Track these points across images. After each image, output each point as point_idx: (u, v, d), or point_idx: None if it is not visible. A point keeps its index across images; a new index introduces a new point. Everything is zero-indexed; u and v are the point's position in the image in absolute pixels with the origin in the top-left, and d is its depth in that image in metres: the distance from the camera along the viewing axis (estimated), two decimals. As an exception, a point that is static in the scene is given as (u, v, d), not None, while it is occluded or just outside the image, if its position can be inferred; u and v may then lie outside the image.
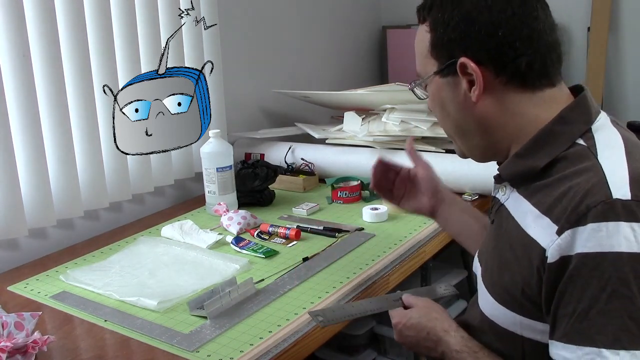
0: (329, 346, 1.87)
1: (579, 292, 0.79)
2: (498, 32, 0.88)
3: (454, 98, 0.95)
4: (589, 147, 0.87)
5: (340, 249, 1.51)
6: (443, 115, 0.99)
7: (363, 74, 2.81)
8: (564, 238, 0.80)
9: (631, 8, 2.38)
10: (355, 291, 1.31)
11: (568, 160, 0.87)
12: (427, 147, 1.90)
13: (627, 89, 2.42)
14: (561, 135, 0.89)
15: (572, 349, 0.79)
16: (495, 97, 0.91)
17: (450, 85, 0.94)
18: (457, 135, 1.00)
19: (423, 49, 0.96)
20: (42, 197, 1.56)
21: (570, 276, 0.80)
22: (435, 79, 0.96)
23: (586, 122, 0.90)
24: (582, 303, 0.79)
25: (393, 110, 1.99)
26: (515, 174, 0.94)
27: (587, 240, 0.78)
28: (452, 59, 0.91)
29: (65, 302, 1.31)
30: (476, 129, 0.95)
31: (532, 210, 0.88)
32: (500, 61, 0.89)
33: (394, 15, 2.84)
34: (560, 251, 0.80)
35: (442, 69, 0.94)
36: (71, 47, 1.60)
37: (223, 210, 1.69)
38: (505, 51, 0.89)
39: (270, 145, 2.13)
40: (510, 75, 0.90)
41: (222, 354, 1.09)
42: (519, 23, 0.89)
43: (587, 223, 0.78)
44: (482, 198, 1.79)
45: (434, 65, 0.95)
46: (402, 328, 1.07)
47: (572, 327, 0.80)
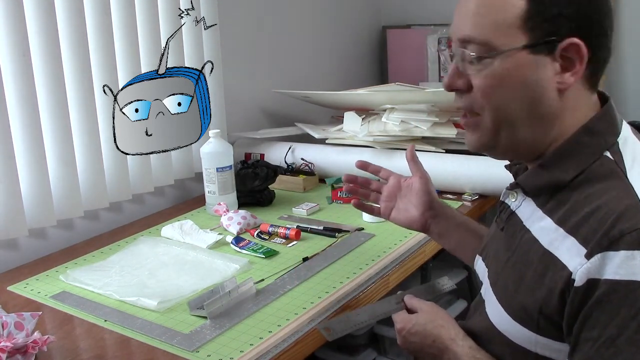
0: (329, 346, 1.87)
1: (606, 318, 0.76)
2: (605, 22, 0.84)
3: (536, 81, 0.83)
4: (616, 162, 0.83)
5: (340, 249, 1.51)
6: (508, 97, 0.85)
7: (363, 74, 2.81)
8: (593, 262, 0.77)
9: (631, 8, 2.38)
10: (355, 291, 1.31)
11: (595, 174, 0.83)
12: (427, 147, 1.90)
13: (627, 89, 2.42)
14: (588, 147, 0.85)
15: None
16: (576, 89, 0.85)
17: (537, 64, 0.83)
18: (510, 125, 0.87)
19: (507, 17, 0.82)
20: (42, 197, 1.56)
21: (599, 301, 0.77)
22: (520, 54, 0.83)
23: (613, 133, 0.86)
24: (609, 329, 0.76)
25: (393, 110, 1.99)
26: (540, 187, 0.89)
27: (619, 267, 0.75)
28: (555, 36, 0.82)
29: (65, 302, 1.31)
30: (542, 120, 0.86)
31: (554, 227, 0.84)
32: (598, 51, 0.84)
33: (394, 15, 2.84)
34: (589, 274, 0.77)
35: (536, 44, 0.82)
36: (71, 47, 1.60)
37: (223, 210, 1.69)
38: (602, 43, 0.84)
39: (270, 145, 2.13)
40: (595, 69, 0.85)
41: (222, 354, 1.09)
42: (612, 18, 0.86)
43: (619, 249, 0.75)
44: (482, 198, 1.79)
45: (521, 38, 0.82)
46: (406, 334, 1.03)
47: (596, 352, 0.77)
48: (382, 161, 1.91)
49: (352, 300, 1.28)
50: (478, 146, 0.92)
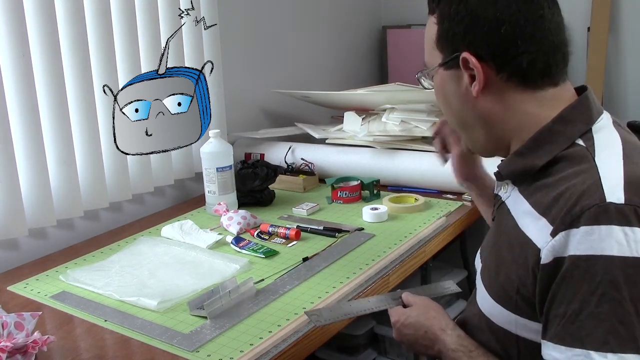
0: (329, 346, 1.88)
1: (570, 294, 0.80)
2: (501, 29, 0.88)
3: (456, 91, 0.95)
4: (587, 148, 0.87)
5: (340, 249, 1.51)
6: (446, 108, 0.99)
7: (363, 74, 2.81)
8: (557, 240, 0.81)
9: (631, 8, 2.38)
10: (355, 291, 1.31)
11: (567, 160, 0.88)
12: (427, 147, 1.90)
13: (627, 89, 2.42)
14: (561, 134, 0.90)
15: (562, 349, 0.80)
16: (495, 93, 0.91)
17: (453, 78, 0.94)
18: (459, 128, 1.00)
19: (430, 39, 0.96)
20: (42, 197, 1.56)
21: (563, 278, 0.80)
22: (440, 71, 0.95)
23: (586, 122, 0.90)
24: (573, 305, 0.79)
25: (393, 110, 1.99)
26: (514, 172, 0.95)
27: (579, 243, 0.79)
28: (456, 53, 0.91)
29: (65, 302, 1.31)
30: (477, 123, 0.95)
31: (530, 211, 0.88)
32: (502, 58, 0.89)
33: (394, 15, 2.84)
34: (554, 252, 0.81)
35: (446, 62, 0.94)
36: (71, 47, 1.60)
37: (223, 210, 1.69)
38: (507, 48, 0.89)
39: (270, 145, 2.13)
40: (511, 72, 0.90)
41: (222, 354, 1.09)
42: (523, 20, 0.88)
43: (580, 225, 0.79)
44: (482, 198, 1.79)
45: (439, 58, 0.95)
46: (400, 327, 1.08)
47: (563, 328, 0.80)
48: (382, 161, 1.92)
49: (352, 300, 1.28)
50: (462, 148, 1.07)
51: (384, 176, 1.90)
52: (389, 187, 1.92)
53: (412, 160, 1.88)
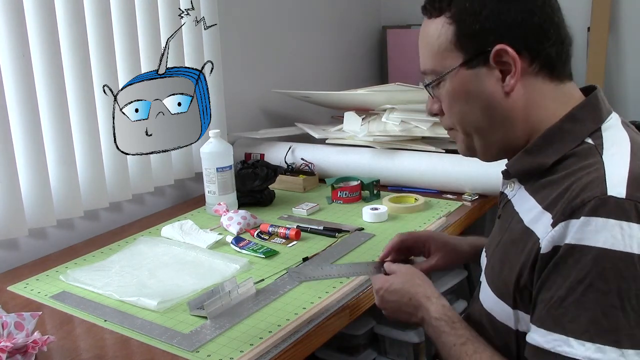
0: (329, 346, 1.87)
1: (559, 280, 0.81)
2: (533, 19, 0.89)
3: (483, 90, 0.92)
4: (596, 146, 0.88)
5: (340, 249, 1.51)
6: (465, 111, 0.95)
7: (363, 74, 2.81)
8: (557, 230, 0.82)
9: (631, 8, 2.38)
10: (355, 291, 1.31)
11: (575, 158, 0.88)
12: (427, 147, 1.90)
13: (627, 89, 2.42)
14: (570, 133, 0.90)
15: (543, 333, 0.82)
16: (525, 87, 0.91)
17: (478, 77, 0.91)
18: (477, 132, 0.96)
19: (441, 43, 0.93)
20: (42, 197, 1.56)
21: (555, 264, 0.82)
22: (460, 72, 0.92)
23: (596, 121, 0.91)
24: (559, 291, 0.81)
25: (393, 110, 1.99)
26: (523, 171, 0.95)
27: (576, 233, 0.80)
28: (484, 49, 0.89)
29: (65, 302, 1.31)
30: (501, 122, 0.93)
31: (536, 207, 0.89)
32: (535, 48, 0.89)
33: (394, 15, 2.84)
34: (553, 242, 0.82)
35: (471, 60, 0.91)
36: (71, 47, 1.60)
37: (223, 210, 1.69)
38: (540, 38, 0.89)
39: (270, 145, 2.13)
40: (543, 63, 0.90)
41: (222, 354, 1.09)
42: (549, 10, 0.90)
43: (579, 216, 0.80)
44: (482, 198, 1.79)
45: (457, 58, 0.92)
46: (384, 293, 1.08)
47: (547, 312, 0.82)
48: (382, 161, 1.92)
49: (352, 300, 1.28)
50: (463, 153, 1.02)
51: (384, 176, 1.90)
52: (389, 187, 1.92)
53: (412, 160, 1.88)
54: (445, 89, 0.95)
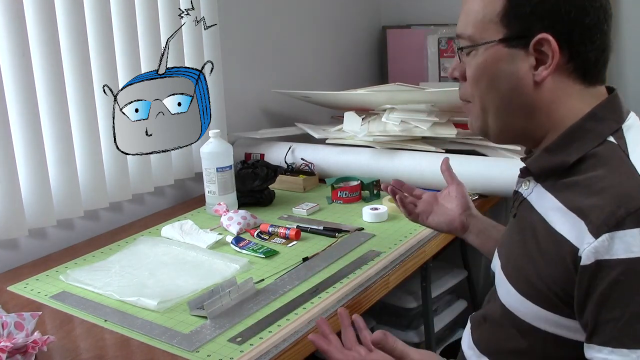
0: (329, 346, 1.87)
1: (627, 297, 0.78)
2: (585, 20, 0.87)
3: (514, 72, 0.90)
4: (619, 146, 0.87)
5: (340, 249, 1.51)
6: (488, 88, 0.93)
7: (363, 74, 2.81)
8: (601, 242, 0.79)
9: (631, 8, 2.38)
10: (355, 291, 1.31)
11: (598, 157, 0.87)
12: (427, 147, 1.90)
13: (627, 89, 2.42)
14: (592, 132, 0.89)
15: (624, 352, 0.79)
16: (555, 82, 0.90)
17: (512, 58, 0.90)
18: (495, 112, 0.94)
19: (487, 13, 0.90)
20: (42, 197, 1.56)
21: (616, 282, 0.79)
22: (497, 47, 0.90)
23: (617, 120, 0.90)
24: (631, 307, 0.78)
25: (393, 110, 1.99)
26: (544, 169, 0.93)
27: (632, 245, 0.77)
28: (528, 33, 0.88)
29: (65, 302, 1.31)
30: (521, 110, 0.92)
31: (559, 207, 0.87)
32: (577, 49, 0.88)
33: (394, 15, 2.84)
34: (597, 255, 0.79)
35: (512, 39, 0.89)
36: (71, 47, 1.60)
37: (223, 210, 1.69)
38: (585, 40, 0.88)
39: (270, 145, 2.13)
40: (579, 64, 0.89)
41: (222, 354, 1.09)
42: (602, 16, 0.89)
43: (625, 228, 0.78)
44: (482, 198, 1.79)
45: (499, 32, 0.90)
46: None
47: (622, 331, 0.79)
48: (382, 161, 1.92)
49: (353, 300, 1.28)
50: (474, 129, 1.00)
51: (384, 176, 1.90)
52: (389, 187, 1.92)
53: (412, 160, 1.88)
54: (477, 59, 0.93)
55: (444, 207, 1.30)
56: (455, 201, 1.28)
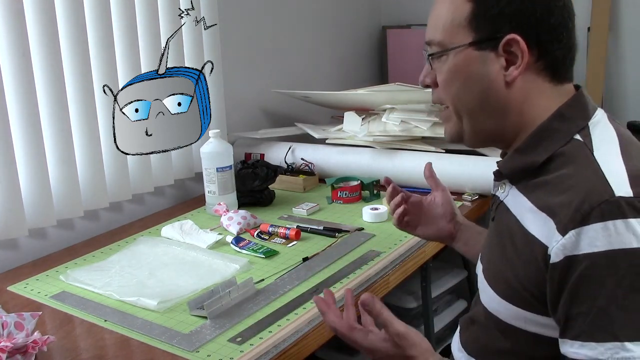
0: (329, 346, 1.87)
1: (594, 291, 0.79)
2: (550, 19, 0.89)
3: (482, 74, 0.91)
4: (585, 143, 0.88)
5: (340, 249, 1.51)
6: (461, 91, 0.94)
7: (363, 74, 2.81)
8: (568, 238, 0.80)
9: (631, 8, 2.38)
10: (355, 291, 1.31)
11: (566, 156, 0.88)
12: (427, 147, 1.90)
13: (627, 89, 2.42)
14: (559, 131, 0.91)
15: (593, 345, 0.80)
16: (526, 82, 0.91)
17: (483, 60, 0.91)
18: (468, 115, 0.95)
19: (455, 18, 0.92)
20: (42, 197, 1.56)
21: (584, 276, 0.80)
22: (467, 51, 0.91)
23: (584, 118, 0.92)
24: (599, 301, 0.79)
25: (393, 110, 1.99)
26: (514, 170, 0.95)
27: (595, 240, 0.79)
28: (496, 34, 0.89)
29: (65, 302, 1.31)
30: (494, 111, 0.93)
31: (530, 207, 0.89)
32: (545, 47, 0.90)
33: (394, 15, 2.84)
34: (565, 251, 0.81)
35: (481, 42, 0.90)
36: (71, 47, 1.60)
37: (223, 210, 1.69)
38: (552, 39, 0.90)
39: (270, 145, 2.13)
40: (548, 63, 0.91)
41: (222, 354, 1.09)
42: (567, 15, 0.90)
43: (590, 222, 0.79)
44: (482, 198, 1.79)
45: (468, 36, 0.91)
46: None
47: (591, 324, 0.80)
48: (382, 161, 1.92)
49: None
50: (450, 136, 1.01)
51: (383, 176, 1.90)
52: (389, 187, 1.92)
53: (412, 160, 1.88)
54: (448, 64, 0.94)
55: (431, 216, 1.28)
56: (440, 208, 1.28)
